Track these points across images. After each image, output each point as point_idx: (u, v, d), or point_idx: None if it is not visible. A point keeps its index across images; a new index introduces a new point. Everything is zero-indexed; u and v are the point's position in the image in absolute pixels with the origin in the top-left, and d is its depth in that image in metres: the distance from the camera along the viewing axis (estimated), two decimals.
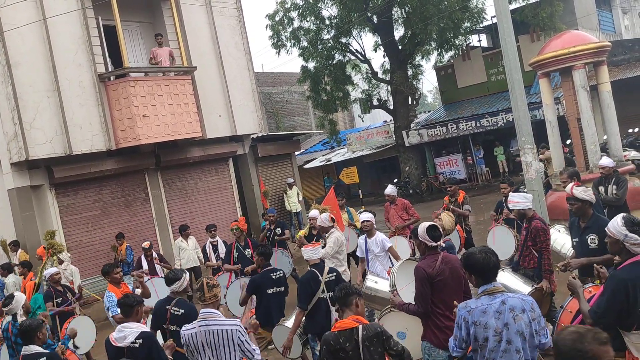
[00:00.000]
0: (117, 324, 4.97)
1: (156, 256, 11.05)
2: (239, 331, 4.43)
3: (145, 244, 11.12)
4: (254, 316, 6.41)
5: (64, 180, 12.39)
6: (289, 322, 6.23)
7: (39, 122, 11.75)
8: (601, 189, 8.43)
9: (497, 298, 3.64)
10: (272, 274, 6.57)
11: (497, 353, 3.57)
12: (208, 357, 4.39)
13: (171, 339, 5.32)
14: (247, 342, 4.48)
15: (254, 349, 4.56)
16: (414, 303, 4.85)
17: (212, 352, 4.37)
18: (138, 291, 7.52)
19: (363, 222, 7.73)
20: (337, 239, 7.78)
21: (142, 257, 10.93)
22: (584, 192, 5.57)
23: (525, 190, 9.41)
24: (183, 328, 4.61)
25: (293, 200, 16.98)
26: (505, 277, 5.60)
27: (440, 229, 5.08)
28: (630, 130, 18.57)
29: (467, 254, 3.93)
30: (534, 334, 3.60)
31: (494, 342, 3.56)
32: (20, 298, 6.37)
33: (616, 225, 4.01)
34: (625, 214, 4.15)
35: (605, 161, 8.78)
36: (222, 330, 4.39)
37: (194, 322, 4.53)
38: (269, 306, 6.50)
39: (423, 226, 4.95)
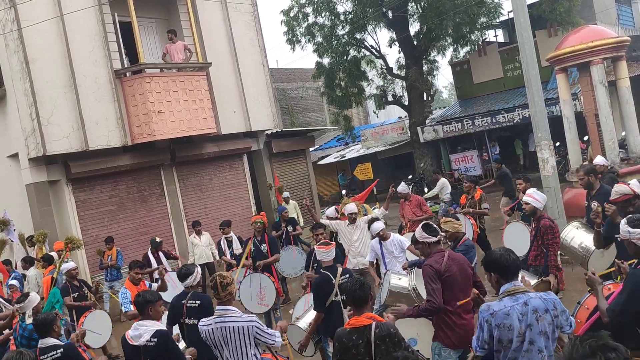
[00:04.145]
0: (128, 320, 5.00)
1: (162, 255, 10.81)
2: (256, 326, 4.43)
3: (157, 239, 11.12)
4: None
5: (81, 175, 12.51)
6: (301, 322, 6.24)
7: (56, 117, 11.87)
8: None
9: (519, 299, 3.60)
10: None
11: (520, 353, 3.55)
12: (225, 352, 4.42)
13: (192, 349, 5.29)
14: (265, 332, 4.49)
15: (273, 334, 4.58)
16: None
17: (229, 348, 4.39)
18: (155, 286, 7.57)
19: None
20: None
21: (149, 253, 10.76)
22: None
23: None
24: (200, 323, 4.62)
25: (292, 216, 14.95)
26: None
27: (435, 225, 5.10)
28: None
29: (487, 254, 3.92)
30: (555, 330, 3.60)
31: (517, 342, 3.54)
32: (34, 299, 6.41)
33: (622, 226, 4.08)
34: (630, 216, 4.15)
35: (599, 160, 9.07)
36: (238, 326, 4.40)
37: (210, 317, 4.54)
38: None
39: (418, 229, 5.02)
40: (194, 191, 14.90)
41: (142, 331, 4.61)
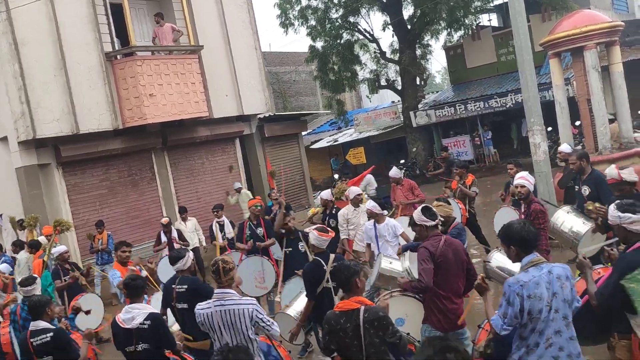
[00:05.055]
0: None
1: (175, 235, 10.95)
2: (256, 310, 4.42)
3: (164, 220, 11.15)
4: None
5: (71, 159, 12.43)
6: (290, 310, 6.24)
7: (46, 100, 11.75)
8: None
9: (543, 268, 3.64)
10: None
11: (547, 323, 3.58)
12: (224, 335, 4.39)
13: (180, 333, 5.31)
14: (265, 319, 4.50)
15: (272, 322, 4.59)
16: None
17: (228, 331, 4.37)
18: (143, 273, 7.55)
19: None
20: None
21: (162, 232, 10.95)
22: (630, 174, 5.56)
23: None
24: (197, 307, 4.59)
25: (245, 206, 14.04)
26: (501, 257, 5.58)
27: (434, 209, 5.11)
28: None
29: (506, 226, 3.91)
30: (573, 300, 3.67)
31: (547, 312, 3.57)
32: (40, 283, 6.45)
33: (610, 211, 4.06)
34: (619, 201, 4.16)
35: (564, 147, 9.28)
36: (238, 309, 4.37)
37: (208, 301, 4.52)
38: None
39: (417, 212, 5.04)
40: (185, 175, 14.85)
41: (135, 314, 4.61)
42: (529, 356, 3.61)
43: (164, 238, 10.92)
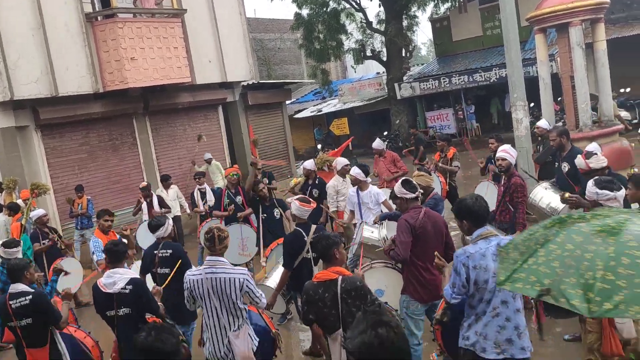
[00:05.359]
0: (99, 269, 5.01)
1: (155, 201, 10.76)
2: (247, 280, 4.45)
3: (142, 184, 11.03)
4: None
5: (50, 121, 12.21)
6: (270, 281, 6.28)
7: (23, 61, 11.46)
8: (539, 148, 9.14)
9: (492, 241, 3.73)
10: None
11: (493, 293, 3.68)
12: (213, 303, 4.41)
13: (158, 287, 5.39)
14: (255, 290, 4.53)
15: (261, 295, 4.62)
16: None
17: (217, 299, 4.39)
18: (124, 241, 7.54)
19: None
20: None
21: (142, 198, 10.80)
22: (598, 162, 5.64)
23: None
24: (187, 273, 4.62)
25: (217, 177, 13.92)
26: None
27: (414, 182, 5.19)
28: (622, 90, 18.51)
29: (459, 201, 4.05)
30: None
31: (492, 283, 3.65)
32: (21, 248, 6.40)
33: (589, 187, 4.17)
34: (597, 177, 4.24)
35: (542, 123, 9.30)
36: (229, 278, 4.39)
37: (199, 268, 4.54)
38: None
39: (397, 185, 5.11)
40: (167, 141, 14.70)
41: (117, 279, 4.62)
42: (477, 323, 3.76)
43: (144, 206, 10.73)
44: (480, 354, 3.76)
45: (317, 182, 9.29)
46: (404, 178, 5.21)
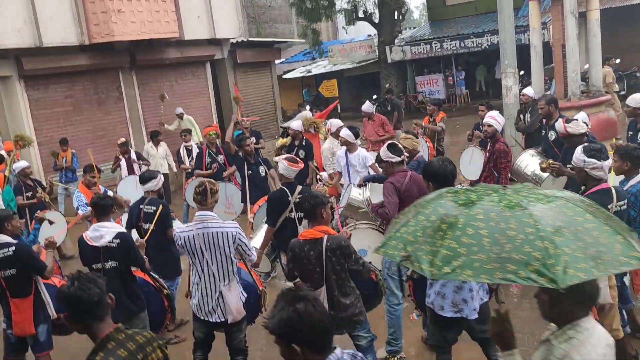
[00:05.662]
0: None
1: (134, 156, 10.74)
2: (239, 232, 4.47)
3: (120, 140, 10.91)
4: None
5: (34, 73, 11.96)
6: (255, 241, 6.32)
7: (6, 9, 11.14)
8: (522, 116, 9.03)
9: None
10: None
11: None
12: (206, 258, 4.42)
13: (142, 240, 5.47)
14: (246, 243, 4.56)
15: (252, 249, 4.65)
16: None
17: (210, 253, 4.41)
18: (110, 192, 7.53)
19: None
20: None
21: (120, 155, 10.66)
22: (576, 127, 5.64)
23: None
24: (178, 230, 4.61)
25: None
26: None
27: (400, 146, 5.21)
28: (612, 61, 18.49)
29: (427, 163, 4.20)
30: None
31: None
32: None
33: (576, 154, 4.15)
34: (586, 145, 4.25)
35: (528, 90, 9.23)
36: (221, 232, 4.40)
37: (189, 224, 4.54)
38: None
39: (383, 149, 5.13)
40: (153, 97, 14.49)
41: (103, 232, 4.62)
42: (436, 283, 3.92)
43: (122, 163, 10.51)
44: (438, 311, 3.93)
45: (303, 143, 9.27)
46: (390, 142, 5.22)
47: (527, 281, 1.99)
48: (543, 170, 5.80)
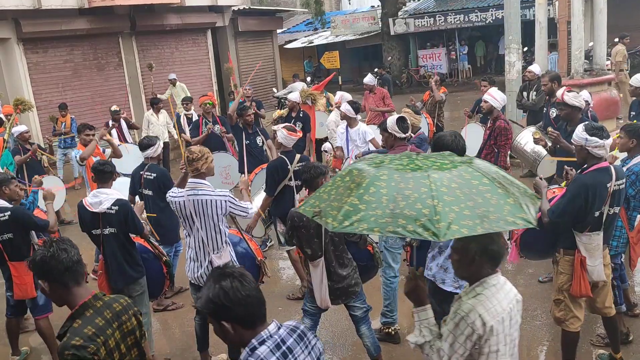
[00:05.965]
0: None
1: (123, 125, 10.53)
2: (229, 201, 4.51)
3: (114, 107, 10.82)
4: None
5: (33, 35, 11.84)
6: (252, 206, 6.36)
7: None
8: (525, 94, 8.94)
9: None
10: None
11: None
12: (196, 224, 4.49)
13: (141, 202, 5.53)
14: (238, 204, 4.59)
15: (247, 206, 4.69)
16: None
17: (200, 220, 4.47)
18: (108, 152, 7.53)
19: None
20: None
21: (110, 122, 10.55)
22: (575, 99, 5.58)
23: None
24: (170, 194, 4.64)
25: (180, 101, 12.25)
26: None
27: (408, 123, 5.16)
28: (616, 40, 18.32)
29: (438, 136, 4.16)
30: None
31: None
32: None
33: (578, 132, 4.10)
34: (587, 123, 4.22)
35: (534, 67, 9.13)
36: (211, 200, 4.45)
37: (181, 190, 4.56)
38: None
39: (392, 119, 5.09)
40: (154, 64, 14.36)
41: (103, 199, 4.63)
42: (440, 256, 3.94)
43: (113, 130, 10.24)
44: (439, 285, 3.94)
45: (300, 114, 9.22)
46: (400, 116, 5.15)
47: (413, 234, 2.16)
48: (536, 141, 5.79)
